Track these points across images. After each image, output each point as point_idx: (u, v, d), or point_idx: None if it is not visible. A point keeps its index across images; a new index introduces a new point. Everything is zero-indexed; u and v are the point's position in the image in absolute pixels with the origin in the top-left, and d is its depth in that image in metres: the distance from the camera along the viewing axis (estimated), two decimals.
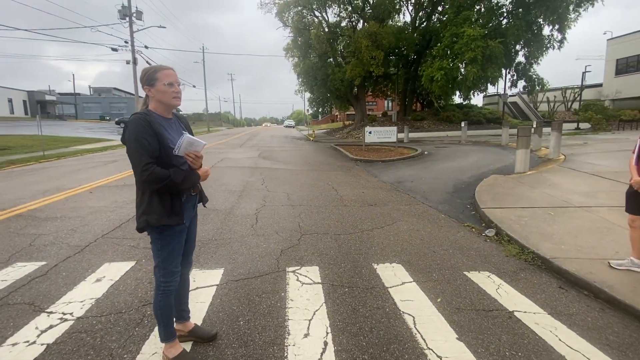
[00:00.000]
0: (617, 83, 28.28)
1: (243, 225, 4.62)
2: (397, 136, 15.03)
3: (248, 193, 6.56)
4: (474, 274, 3.26)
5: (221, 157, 12.79)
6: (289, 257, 3.56)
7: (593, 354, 2.14)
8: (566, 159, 9.83)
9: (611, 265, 3.19)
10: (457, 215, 5.32)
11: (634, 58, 27.44)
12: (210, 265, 3.38)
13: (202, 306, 2.63)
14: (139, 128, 1.68)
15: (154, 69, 1.79)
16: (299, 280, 3.04)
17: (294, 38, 25.70)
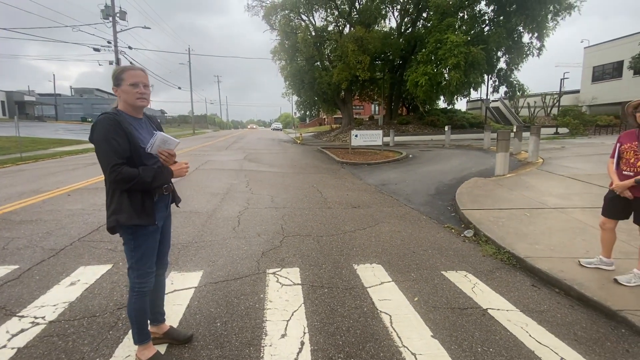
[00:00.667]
0: (594, 89, 29.47)
1: (225, 227, 4.59)
2: (382, 140, 15.22)
3: (231, 195, 6.51)
4: (451, 274, 3.33)
5: (205, 159, 12.66)
6: (270, 259, 3.55)
7: (561, 349, 2.22)
8: (544, 162, 10.15)
9: (581, 263, 3.31)
10: (438, 216, 5.43)
11: (609, 65, 28.68)
12: (189, 268, 3.34)
13: (179, 309, 2.60)
14: (108, 128, 1.66)
15: (121, 69, 1.78)
16: (279, 282, 3.05)
17: (281, 41, 25.76)
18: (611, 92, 27.92)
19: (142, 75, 1.79)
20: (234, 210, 5.44)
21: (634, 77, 25.04)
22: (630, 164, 2.88)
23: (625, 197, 2.91)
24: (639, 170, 2.82)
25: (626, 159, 2.93)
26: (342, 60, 22.20)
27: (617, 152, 3.03)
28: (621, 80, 27.67)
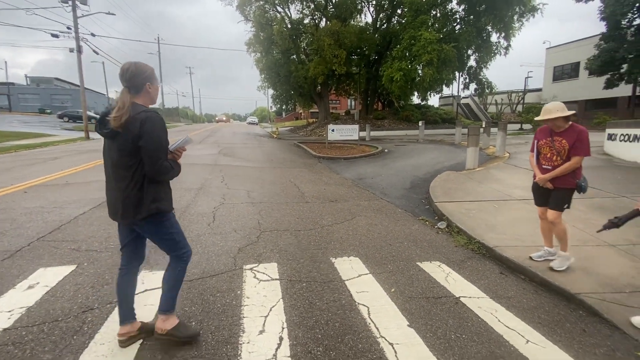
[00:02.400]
0: (555, 88, 31.25)
1: (199, 224, 4.45)
2: (359, 134, 15.36)
3: (206, 191, 6.33)
4: (426, 264, 3.43)
5: None
6: (246, 255, 3.49)
7: (526, 332, 2.35)
8: (510, 156, 10.66)
9: (532, 258, 3.38)
10: (413, 209, 5.56)
11: (568, 66, 30.51)
12: (162, 266, 3.18)
13: (150, 309, 2.50)
14: (162, 125, 1.89)
15: (152, 68, 1.99)
16: (256, 278, 3.00)
17: (256, 33, 25.16)
18: (570, 90, 29.76)
19: None
20: (209, 206, 5.29)
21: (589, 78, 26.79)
22: (548, 159, 3.11)
23: (548, 187, 3.16)
24: (555, 164, 3.05)
25: (544, 154, 3.15)
26: (318, 54, 22.07)
27: (536, 148, 3.24)
28: (578, 80, 29.55)
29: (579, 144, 2.94)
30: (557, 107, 3.01)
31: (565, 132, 3.02)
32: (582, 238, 3.90)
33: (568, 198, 3.09)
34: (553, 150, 3.06)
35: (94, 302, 2.62)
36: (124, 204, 1.89)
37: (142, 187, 1.88)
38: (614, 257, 3.39)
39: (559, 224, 3.11)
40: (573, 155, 2.96)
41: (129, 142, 1.80)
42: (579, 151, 2.94)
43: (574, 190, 3.07)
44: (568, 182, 3.04)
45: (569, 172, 3.01)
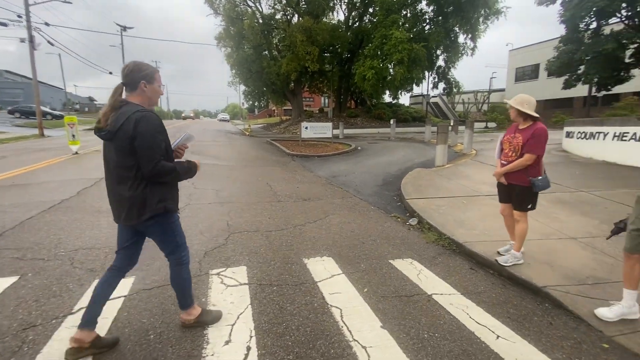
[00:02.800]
0: (517, 88, 33.00)
1: None
2: (332, 132, 15.33)
3: None
4: (398, 262, 3.41)
5: None
6: (213, 259, 3.30)
7: (497, 327, 2.36)
8: (477, 153, 11.07)
9: (499, 253, 3.40)
10: (385, 206, 5.57)
11: (528, 67, 32.32)
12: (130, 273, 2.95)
13: (103, 323, 2.26)
14: (156, 125, 1.81)
15: (154, 69, 1.94)
16: (223, 283, 2.83)
17: (226, 27, 24.43)
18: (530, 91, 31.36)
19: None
20: None
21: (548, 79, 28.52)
22: (505, 154, 3.15)
23: (502, 182, 3.21)
24: (510, 159, 3.08)
25: (504, 150, 3.18)
26: (291, 50, 21.79)
27: (499, 143, 3.29)
28: (538, 81, 31.40)
29: (532, 141, 2.93)
30: (518, 98, 3.04)
31: (525, 130, 3.02)
32: (545, 232, 4.06)
33: (529, 198, 3.07)
34: (511, 146, 3.09)
35: (37, 317, 2.34)
36: (128, 205, 1.84)
37: (147, 186, 1.84)
38: (576, 250, 3.54)
39: (521, 223, 3.15)
40: (525, 152, 2.97)
41: (127, 142, 1.75)
42: (530, 148, 2.94)
43: (530, 189, 3.04)
44: (521, 179, 3.04)
45: (518, 168, 3.02)
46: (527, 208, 3.10)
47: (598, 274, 3.04)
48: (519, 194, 3.12)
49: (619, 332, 2.31)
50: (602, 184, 6.29)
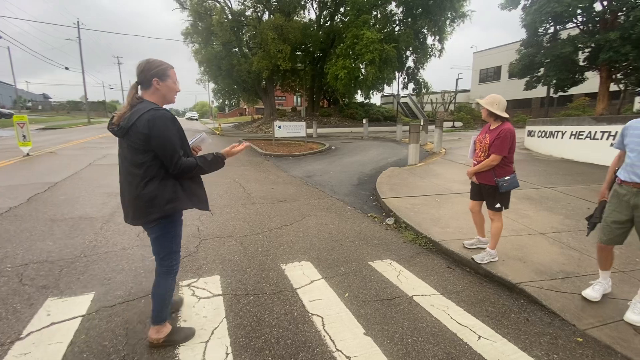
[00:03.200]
0: (481, 89, 34.58)
1: (125, 234, 3.86)
2: (306, 131, 15.21)
3: None
4: (378, 263, 3.37)
5: (103, 153, 10.81)
6: (183, 269, 3.07)
7: (478, 327, 2.37)
8: (446, 152, 11.42)
9: (465, 245, 3.57)
10: (362, 206, 5.55)
11: (491, 69, 33.96)
12: (75, 291, 2.67)
13: (57, 349, 2.01)
14: (170, 123, 1.78)
15: (167, 65, 1.88)
16: (195, 295, 2.63)
17: (193, 22, 23.51)
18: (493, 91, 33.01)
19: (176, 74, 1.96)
20: None
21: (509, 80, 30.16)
22: (476, 154, 3.25)
23: (474, 181, 3.32)
24: (479, 159, 3.18)
25: (476, 150, 3.29)
26: (262, 48, 21.36)
27: (472, 143, 3.39)
28: (499, 82, 33.09)
29: (497, 142, 2.99)
30: (489, 98, 3.08)
31: (493, 130, 3.08)
32: (515, 228, 4.20)
33: (497, 198, 3.13)
34: (481, 146, 3.17)
35: None
36: (135, 204, 1.82)
37: (156, 185, 1.80)
38: (545, 245, 3.68)
39: (495, 221, 3.23)
40: (491, 152, 3.05)
41: (139, 139, 1.74)
42: (495, 149, 3.01)
43: (497, 188, 3.10)
44: (488, 179, 3.13)
45: (486, 168, 3.10)
46: (496, 207, 3.16)
47: (567, 268, 3.17)
48: (488, 194, 3.20)
49: (591, 325, 2.39)
50: (563, 180, 6.67)
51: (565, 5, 10.69)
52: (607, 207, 2.53)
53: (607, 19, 11.90)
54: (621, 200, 2.41)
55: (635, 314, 2.41)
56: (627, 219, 2.40)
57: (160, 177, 1.81)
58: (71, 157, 9.94)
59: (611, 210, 2.48)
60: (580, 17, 12.23)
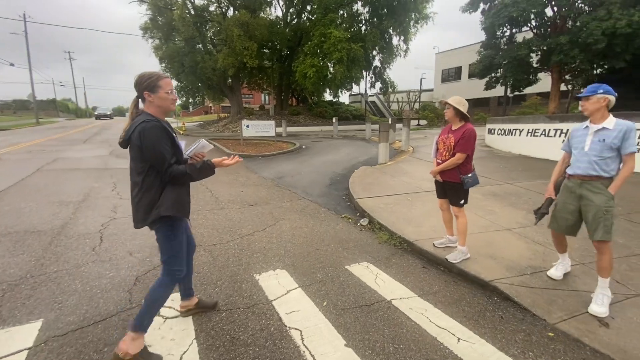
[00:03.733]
0: (443, 89, 36.01)
1: (79, 249, 3.49)
2: (275, 130, 14.93)
3: (91, 203, 5.13)
4: (355, 267, 3.31)
5: (54, 156, 9.88)
6: (146, 285, 2.81)
7: (456, 329, 2.37)
8: (414, 150, 11.70)
9: (434, 245, 3.65)
10: (335, 207, 5.49)
11: (452, 69, 35.46)
12: (20, 319, 2.34)
13: None
14: (159, 133, 1.85)
15: (157, 76, 1.93)
16: (160, 315, 2.40)
17: (153, 17, 22.27)
18: (454, 91, 34.64)
19: (171, 83, 2.00)
20: (95, 223, 4.25)
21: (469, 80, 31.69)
22: (440, 153, 3.36)
23: (438, 180, 3.44)
24: (444, 158, 3.30)
25: (439, 149, 3.40)
26: (227, 44, 20.67)
27: (435, 143, 3.50)
28: (460, 81, 34.66)
29: (462, 141, 3.14)
30: (456, 99, 3.24)
31: (457, 130, 3.23)
32: (483, 224, 4.33)
33: (461, 194, 3.30)
34: (445, 145, 3.28)
35: None
36: (136, 208, 1.94)
37: (154, 192, 1.91)
38: (512, 240, 3.82)
39: (460, 217, 3.36)
40: (456, 151, 3.18)
41: (135, 149, 1.86)
42: (460, 148, 3.16)
43: (461, 185, 3.25)
44: (453, 177, 3.27)
45: (451, 167, 3.22)
46: (461, 204, 3.33)
47: (534, 262, 3.30)
48: (452, 191, 3.34)
49: (560, 319, 2.49)
50: (523, 175, 7.05)
51: (521, 9, 11.39)
52: (559, 199, 2.85)
53: (557, 23, 12.83)
54: (570, 192, 2.73)
55: (598, 305, 2.55)
56: (575, 208, 2.71)
57: (158, 184, 1.91)
58: (17, 162, 8.98)
59: (562, 202, 2.80)
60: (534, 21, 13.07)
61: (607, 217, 2.52)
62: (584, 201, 2.63)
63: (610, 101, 2.56)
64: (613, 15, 9.97)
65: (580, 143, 2.68)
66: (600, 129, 2.56)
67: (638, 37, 9.78)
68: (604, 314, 2.50)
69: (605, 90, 2.54)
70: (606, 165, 2.54)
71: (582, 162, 2.63)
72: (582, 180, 2.63)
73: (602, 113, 2.58)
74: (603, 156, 2.53)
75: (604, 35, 10.08)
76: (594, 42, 10.29)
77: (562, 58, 11.49)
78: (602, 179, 2.55)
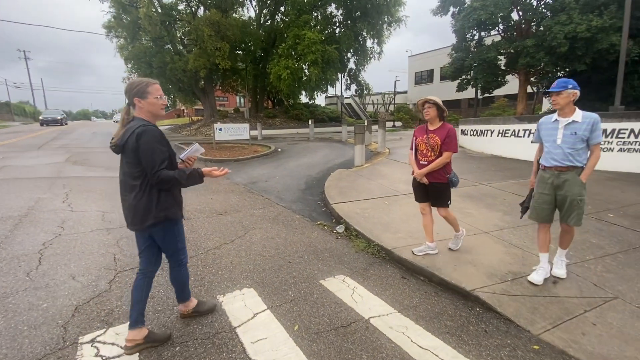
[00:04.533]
0: (416, 91, 36.80)
1: (10, 274, 2.99)
2: (250, 133, 14.49)
3: (35, 217, 4.57)
4: (330, 281, 3.06)
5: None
6: (87, 317, 2.41)
7: (439, 349, 2.17)
8: (390, 152, 11.67)
9: (413, 252, 3.47)
10: (310, 213, 5.23)
11: (425, 72, 36.30)
12: None
13: None
14: (156, 137, 1.94)
15: (145, 83, 1.99)
16: (99, 356, 2.03)
17: (117, 14, 21.10)
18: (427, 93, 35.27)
19: (160, 88, 2.06)
20: (35, 242, 3.73)
21: (441, 82, 32.53)
22: (424, 154, 3.28)
23: (424, 182, 3.29)
24: (430, 159, 3.22)
25: (420, 150, 3.30)
26: (198, 45, 19.94)
27: (414, 145, 3.39)
28: (432, 84, 35.53)
29: (448, 140, 3.15)
30: (438, 99, 3.27)
31: (438, 129, 3.22)
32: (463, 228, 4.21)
33: (448, 193, 3.31)
34: (428, 146, 3.23)
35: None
36: (134, 212, 1.98)
37: (150, 195, 1.97)
38: (491, 245, 3.71)
39: (448, 216, 3.37)
40: (444, 150, 3.17)
41: (132, 154, 1.90)
42: (449, 147, 3.16)
43: (448, 185, 3.28)
44: (441, 177, 3.25)
45: (440, 166, 3.21)
46: (448, 204, 3.33)
47: (514, 268, 3.18)
48: (439, 192, 3.29)
49: (543, 329, 2.35)
50: (496, 176, 7.10)
51: (489, 13, 11.70)
52: (535, 191, 2.97)
53: (523, 28, 13.31)
54: (546, 183, 2.86)
55: (559, 269, 2.98)
56: (551, 198, 2.85)
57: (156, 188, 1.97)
58: None
59: (539, 192, 2.92)
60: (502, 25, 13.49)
61: (581, 205, 2.74)
62: (560, 190, 2.78)
63: (577, 95, 2.70)
64: (574, 20, 10.42)
65: (551, 136, 2.81)
66: (570, 122, 2.70)
67: (597, 42, 10.28)
68: (563, 276, 2.94)
69: (573, 86, 2.67)
70: (579, 155, 2.71)
71: (556, 155, 2.77)
72: (560, 171, 2.77)
73: (570, 107, 2.72)
74: (576, 148, 2.69)
75: (566, 38, 10.52)
76: (557, 45, 10.71)
77: (528, 60, 11.90)
78: (577, 168, 2.73)
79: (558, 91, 2.68)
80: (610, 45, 10.12)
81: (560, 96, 2.68)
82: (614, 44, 10.00)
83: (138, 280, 2.16)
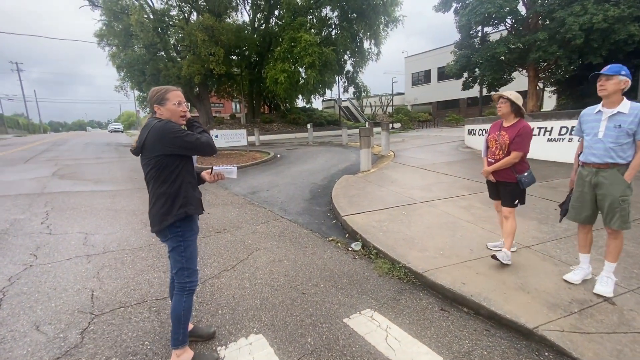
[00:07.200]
0: (414, 92, 36.49)
1: None
2: (247, 139, 13.95)
3: (5, 244, 3.96)
4: (356, 319, 2.49)
5: None
6: None
7: None
8: (395, 155, 11.15)
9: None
10: (320, 227, 4.68)
11: (422, 73, 36.01)
12: None
13: None
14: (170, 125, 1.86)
15: (164, 90, 1.98)
16: None
17: (108, 22, 20.61)
18: (425, 94, 35.21)
19: (182, 95, 2.02)
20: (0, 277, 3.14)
21: (438, 83, 32.22)
22: (492, 152, 3.17)
23: (491, 180, 3.24)
24: (497, 157, 3.09)
25: (490, 148, 3.21)
26: (191, 51, 19.48)
27: (485, 142, 3.28)
28: (430, 85, 35.23)
29: (518, 140, 2.95)
30: (514, 93, 3.02)
31: (511, 127, 3.02)
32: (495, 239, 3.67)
33: (516, 194, 3.09)
34: (498, 144, 3.09)
35: None
36: (153, 213, 1.94)
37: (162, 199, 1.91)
38: (538, 263, 3.16)
39: (510, 220, 3.12)
40: (512, 150, 2.98)
41: (149, 155, 1.87)
42: (516, 146, 2.97)
43: (517, 185, 3.07)
44: (508, 177, 3.08)
45: (506, 166, 3.03)
46: (515, 204, 3.11)
47: (576, 294, 2.63)
48: (507, 191, 3.13)
49: None
50: None
51: (497, 6, 11.25)
52: (574, 189, 2.74)
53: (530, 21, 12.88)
54: (584, 180, 2.62)
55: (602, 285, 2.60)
56: (591, 197, 2.60)
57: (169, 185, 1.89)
58: None
59: (578, 191, 2.69)
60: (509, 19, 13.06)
61: (624, 206, 2.45)
62: (599, 190, 2.54)
63: (628, 84, 2.41)
64: (588, 11, 9.97)
65: (593, 129, 2.56)
66: (615, 113, 2.43)
67: (614, 33, 9.83)
68: (608, 294, 2.53)
69: (627, 73, 2.40)
70: (623, 151, 2.43)
71: (597, 150, 2.52)
72: (598, 168, 2.53)
73: (618, 96, 2.43)
74: (620, 142, 2.42)
75: (581, 30, 10.05)
76: (572, 38, 10.24)
77: (540, 55, 11.43)
78: (619, 165, 2.45)
79: (609, 75, 2.38)
80: (629, 35, 9.69)
81: (610, 81, 2.39)
82: (632, 34, 9.59)
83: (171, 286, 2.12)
